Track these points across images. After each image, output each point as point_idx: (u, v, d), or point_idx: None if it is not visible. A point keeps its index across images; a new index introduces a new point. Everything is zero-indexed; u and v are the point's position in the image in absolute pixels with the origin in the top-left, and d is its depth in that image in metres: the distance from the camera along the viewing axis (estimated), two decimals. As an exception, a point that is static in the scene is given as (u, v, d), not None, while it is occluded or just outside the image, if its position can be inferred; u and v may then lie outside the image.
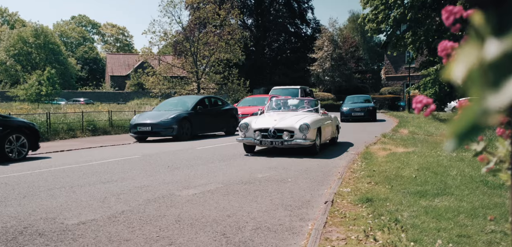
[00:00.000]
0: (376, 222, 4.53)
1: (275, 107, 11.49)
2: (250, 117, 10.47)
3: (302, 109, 11.04)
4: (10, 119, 10.17)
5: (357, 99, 24.84)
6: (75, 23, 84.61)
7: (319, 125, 9.95)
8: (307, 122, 9.28)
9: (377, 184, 6.41)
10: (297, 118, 9.78)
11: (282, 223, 4.72)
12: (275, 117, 10.03)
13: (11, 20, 75.79)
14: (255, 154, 10.08)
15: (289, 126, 9.46)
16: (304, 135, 9.25)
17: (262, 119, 10.04)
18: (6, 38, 60.66)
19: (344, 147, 11.54)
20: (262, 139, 9.58)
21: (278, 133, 9.48)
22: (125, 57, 66.66)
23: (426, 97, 1.32)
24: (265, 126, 9.64)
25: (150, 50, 32.63)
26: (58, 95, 40.19)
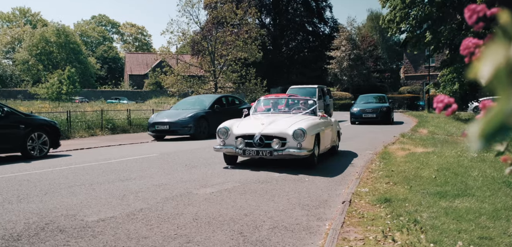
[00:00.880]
0: (394, 223, 4.47)
1: (263, 108, 9.51)
2: (231, 120, 8.35)
3: (297, 111, 9.15)
4: (32, 117, 10.39)
5: (370, 99, 22.42)
6: (95, 22, 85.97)
7: (317, 131, 7.94)
8: (302, 127, 7.38)
9: (396, 184, 6.33)
10: (290, 122, 7.88)
11: (299, 223, 4.71)
12: (263, 121, 8.06)
13: (33, 20, 77.46)
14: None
15: (280, 132, 7.51)
16: (299, 143, 7.32)
17: (247, 123, 8.09)
18: (29, 38, 62.02)
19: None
20: (245, 147, 7.60)
21: (266, 140, 7.52)
22: (143, 57, 67.44)
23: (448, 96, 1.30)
24: (250, 131, 7.66)
25: (168, 49, 32.91)
26: (78, 94, 40.90)
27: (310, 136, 7.47)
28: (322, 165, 8.42)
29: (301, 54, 48.37)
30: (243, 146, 7.63)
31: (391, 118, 20.61)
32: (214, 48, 31.20)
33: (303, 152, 7.35)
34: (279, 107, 9.49)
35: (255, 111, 9.24)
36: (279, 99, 9.80)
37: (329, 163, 8.82)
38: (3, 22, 77.13)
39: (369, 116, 20.25)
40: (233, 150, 7.70)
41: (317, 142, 7.96)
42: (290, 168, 7.86)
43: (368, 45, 47.18)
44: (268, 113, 9.11)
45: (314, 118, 8.60)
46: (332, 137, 9.51)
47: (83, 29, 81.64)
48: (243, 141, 7.64)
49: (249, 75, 31.02)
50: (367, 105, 20.99)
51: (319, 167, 8.06)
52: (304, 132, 7.33)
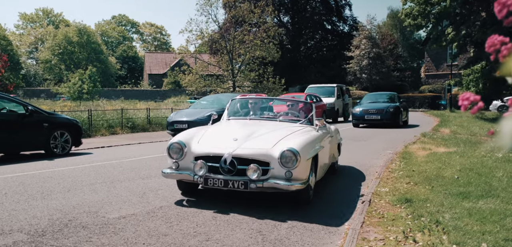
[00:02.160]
0: (415, 223, 4.41)
1: (240, 112, 6.79)
2: (190, 131, 5.69)
3: (287, 118, 6.48)
4: (55, 116, 10.60)
5: (378, 98, 19.46)
6: (115, 22, 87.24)
7: (315, 151, 5.33)
8: (293, 147, 4.76)
9: (417, 184, 6.23)
10: (277, 136, 5.23)
11: (318, 222, 4.68)
12: (237, 133, 5.35)
13: (56, 20, 79.08)
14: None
15: (260, 152, 4.87)
16: (288, 171, 4.72)
17: (213, 136, 5.44)
18: (52, 38, 63.35)
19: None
20: (208, 174, 4.93)
21: (239, 165, 4.84)
22: (162, 56, 68.12)
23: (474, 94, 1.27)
24: (216, 149, 5.02)
25: (186, 48, 33.15)
26: (98, 94, 41.58)
27: (305, 161, 4.82)
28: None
29: (319, 53, 48.07)
30: (205, 171, 4.89)
31: (400, 120, 17.65)
32: (232, 47, 31.28)
33: (294, 185, 4.70)
34: (262, 112, 6.78)
35: (229, 117, 6.51)
36: (264, 101, 7.15)
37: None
38: (27, 23, 78.99)
39: (373, 118, 17.50)
40: (190, 177, 4.96)
41: (314, 166, 5.36)
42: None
43: (388, 44, 46.61)
44: (247, 120, 6.34)
45: (310, 130, 5.88)
46: (332, 152, 6.90)
47: (103, 29, 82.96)
48: (205, 165, 4.89)
49: (267, 74, 30.99)
50: (372, 105, 18.12)
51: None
52: (297, 154, 4.66)
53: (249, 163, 4.78)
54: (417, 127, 18.19)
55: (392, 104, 17.90)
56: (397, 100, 18.65)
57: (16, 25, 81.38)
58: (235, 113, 6.75)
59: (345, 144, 11.76)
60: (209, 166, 4.95)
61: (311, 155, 5.10)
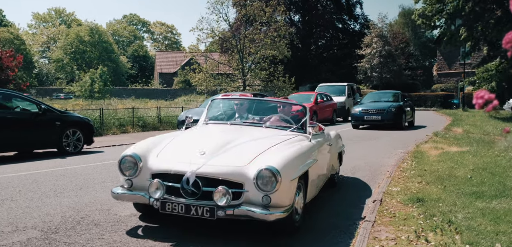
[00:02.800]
0: (427, 223, 4.37)
1: (222, 114, 5.72)
2: (152, 140, 4.60)
3: (275, 123, 5.32)
4: (67, 115, 10.71)
5: (381, 97, 18.07)
6: (126, 22, 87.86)
7: (305, 167, 4.25)
8: (272, 166, 3.71)
9: (429, 184, 6.18)
10: (256, 147, 4.24)
11: (330, 221, 4.66)
12: (207, 143, 4.31)
13: (68, 20, 79.92)
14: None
15: (231, 170, 3.84)
16: (265, 196, 3.71)
17: (178, 147, 4.40)
18: (64, 37, 64.03)
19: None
20: (167, 197, 3.87)
21: (205, 186, 3.81)
22: (173, 55, 68.44)
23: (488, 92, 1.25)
24: (176, 166, 3.97)
25: (197, 47, 33.28)
26: (109, 92, 41.95)
27: (288, 182, 3.78)
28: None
29: (330, 51, 47.84)
30: (162, 193, 3.83)
31: (403, 121, 16.19)
32: (243, 46, 31.31)
33: (274, 215, 3.65)
34: (247, 114, 5.54)
35: (207, 122, 5.46)
36: (248, 102, 5.75)
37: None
38: (40, 22, 79.95)
39: (373, 118, 16.09)
40: (146, 199, 3.93)
41: (303, 186, 4.32)
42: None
43: (400, 42, 46.21)
44: (227, 125, 5.20)
45: (301, 139, 4.82)
46: (330, 163, 5.87)
47: (115, 28, 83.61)
48: (162, 185, 3.84)
49: (277, 73, 30.96)
50: (372, 105, 16.70)
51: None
52: (276, 174, 3.64)
53: (217, 184, 3.69)
54: (423, 128, 16.95)
55: (394, 104, 16.41)
56: (401, 99, 17.10)
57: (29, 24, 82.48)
58: (215, 116, 5.58)
59: (356, 143, 11.71)
60: (168, 186, 3.85)
61: (298, 174, 3.95)
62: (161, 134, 5.05)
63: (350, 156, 9.18)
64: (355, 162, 8.46)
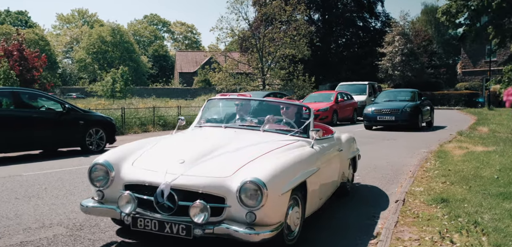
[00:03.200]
0: (452, 224, 4.28)
1: (215, 117, 5.18)
2: (130, 146, 4.18)
3: (274, 126, 4.73)
4: (90, 114, 10.90)
5: (396, 96, 17.06)
6: (147, 22, 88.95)
7: (301, 178, 3.74)
8: (257, 178, 3.21)
9: (453, 184, 6.04)
10: (245, 155, 3.74)
11: (351, 221, 4.61)
12: (190, 150, 3.89)
13: (90, 20, 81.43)
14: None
15: (211, 182, 3.36)
16: (250, 212, 3.21)
17: (157, 154, 3.93)
18: (87, 38, 65.26)
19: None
20: (140, 212, 3.42)
21: (181, 200, 3.33)
22: (193, 54, 68.95)
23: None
24: (150, 176, 3.50)
25: (216, 47, 33.50)
26: (130, 92, 42.55)
27: (277, 197, 3.31)
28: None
29: (350, 50, 47.33)
30: (133, 207, 3.37)
31: (419, 122, 15.15)
32: (262, 45, 31.30)
33: (260, 235, 3.18)
34: (243, 117, 4.95)
35: (201, 124, 4.99)
36: (247, 103, 5.19)
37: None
38: (64, 23, 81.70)
39: (386, 119, 15.08)
40: (117, 213, 3.47)
41: (301, 199, 3.80)
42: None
43: (422, 40, 45.37)
44: (220, 128, 4.71)
45: (301, 145, 4.30)
46: (341, 170, 5.27)
47: (136, 28, 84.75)
48: (133, 198, 3.38)
49: (297, 72, 30.83)
50: (386, 105, 15.68)
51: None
52: (262, 187, 3.16)
53: (196, 198, 3.22)
54: (442, 128, 16.01)
55: (409, 104, 15.34)
56: (418, 98, 16.03)
57: (54, 25, 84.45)
58: (210, 118, 5.07)
59: (377, 143, 11.56)
60: (142, 199, 3.39)
61: (291, 186, 3.45)
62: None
63: (372, 155, 9.07)
64: (376, 162, 8.35)
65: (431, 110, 17.09)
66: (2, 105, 9.15)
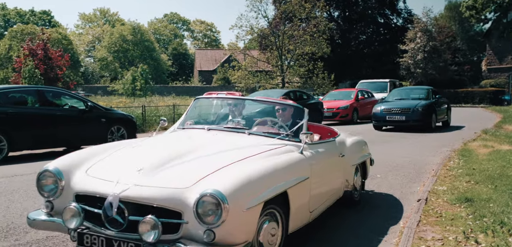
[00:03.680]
0: (477, 224, 4.17)
1: (199, 118, 4.77)
2: (87, 151, 3.73)
3: (261, 130, 4.21)
4: (111, 112, 11.07)
5: (409, 94, 15.95)
6: (167, 20, 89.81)
7: (276, 190, 3.17)
8: (216, 191, 2.73)
9: (478, 183, 5.90)
10: (212, 162, 3.24)
11: (371, 220, 4.56)
12: (152, 157, 3.37)
13: (112, 19, 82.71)
14: None
15: (165, 194, 2.88)
16: (208, 230, 2.73)
17: (117, 161, 3.47)
18: (108, 37, 66.36)
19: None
20: (90, 227, 2.99)
21: (132, 214, 2.89)
22: (212, 53, 69.25)
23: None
24: (101, 187, 3.04)
25: (236, 45, 33.55)
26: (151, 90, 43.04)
27: (242, 212, 2.84)
28: None
29: (371, 47, 46.73)
30: (79, 222, 2.97)
31: (432, 122, 14.07)
32: (282, 43, 31.22)
33: None
34: (230, 118, 4.51)
35: (182, 125, 4.58)
36: (236, 103, 4.66)
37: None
38: (86, 23, 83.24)
39: (396, 119, 14.01)
40: (63, 227, 3.05)
41: (281, 213, 3.32)
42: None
43: (446, 37, 44.37)
44: (202, 130, 4.22)
45: (288, 151, 3.78)
46: (342, 179, 4.70)
47: (156, 27, 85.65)
48: (80, 212, 2.97)
49: (317, 70, 30.63)
50: (396, 104, 14.54)
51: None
52: (222, 201, 2.71)
53: (148, 212, 2.79)
54: (459, 129, 14.80)
55: (422, 102, 14.19)
56: (432, 96, 14.89)
57: (76, 25, 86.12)
58: (195, 119, 4.64)
59: (397, 141, 11.37)
60: (92, 212, 3.00)
61: (262, 198, 2.96)
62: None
63: (392, 154, 8.96)
64: (398, 160, 8.23)
65: (448, 109, 16.11)
66: (27, 103, 9.39)
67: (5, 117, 8.47)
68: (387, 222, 4.49)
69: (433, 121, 14.13)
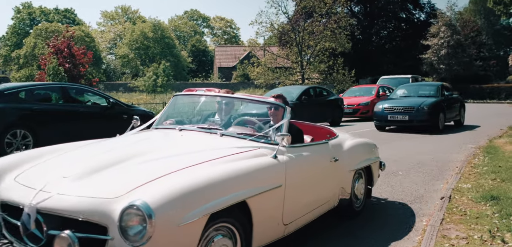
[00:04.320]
0: (504, 223, 4.06)
1: (174, 116, 4.34)
2: (23, 155, 3.51)
3: (234, 130, 3.77)
4: (133, 108, 11.22)
5: (417, 90, 14.35)
6: (187, 17, 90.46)
7: (227, 201, 2.71)
8: (144, 203, 2.30)
9: (504, 181, 5.74)
10: (154, 168, 2.80)
11: (394, 217, 4.49)
12: (87, 162, 3.01)
13: (133, 17, 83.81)
14: None
15: (86, 205, 2.48)
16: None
17: (50, 165, 3.13)
18: (130, 34, 67.30)
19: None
20: (10, 240, 2.75)
21: (50, 228, 2.49)
22: (232, 49, 69.41)
23: None
24: (19, 197, 2.71)
25: (256, 41, 33.52)
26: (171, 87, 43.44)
27: (174, 228, 2.39)
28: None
29: (392, 43, 46.06)
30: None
31: (440, 122, 12.61)
32: (302, 39, 31.05)
33: None
34: (206, 117, 4.20)
35: (157, 125, 4.24)
36: (215, 101, 4.34)
37: None
38: (108, 20, 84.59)
39: (398, 118, 12.59)
40: None
41: (239, 227, 2.86)
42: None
43: (470, 31, 43.34)
44: (173, 130, 3.88)
45: (260, 154, 3.32)
46: (336, 187, 4.10)
47: (176, 24, 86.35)
48: (1, 222, 2.83)
49: (337, 66, 30.35)
50: (399, 102, 13.12)
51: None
52: (148, 215, 2.28)
53: (74, 225, 2.42)
54: (473, 129, 13.38)
55: (429, 100, 12.70)
56: (440, 93, 13.39)
57: (98, 22, 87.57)
58: (172, 117, 4.26)
59: (416, 138, 11.17)
60: (11, 224, 2.72)
61: (202, 213, 2.51)
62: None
63: (415, 151, 8.81)
64: (420, 157, 8.09)
65: (461, 107, 14.63)
66: (52, 100, 9.59)
67: (31, 114, 8.67)
68: (409, 219, 4.43)
69: (441, 122, 12.69)
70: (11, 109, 8.55)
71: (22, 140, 8.43)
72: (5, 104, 8.52)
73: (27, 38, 54.20)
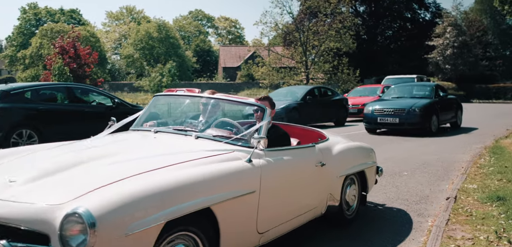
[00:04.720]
0: (510, 223, 4.04)
1: (152, 118, 4.16)
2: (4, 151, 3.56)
3: (210, 132, 3.53)
4: (138, 108, 11.22)
5: (411, 91, 13.52)
6: (191, 17, 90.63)
7: (187, 208, 2.51)
8: (85, 210, 2.11)
9: (510, 182, 5.71)
10: (108, 173, 2.62)
11: (399, 218, 4.47)
12: (38, 165, 2.90)
13: (138, 17, 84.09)
14: None
15: (26, 212, 2.30)
16: None
17: (11, 166, 3.04)
18: (134, 34, 67.53)
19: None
20: None
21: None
22: (236, 49, 69.47)
23: None
24: None
25: (260, 41, 33.53)
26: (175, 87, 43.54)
27: (118, 238, 2.19)
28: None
29: (398, 43, 45.92)
30: None
31: (432, 125, 11.95)
32: (306, 39, 31.02)
33: None
34: (183, 119, 4.04)
35: (138, 124, 4.17)
36: (194, 102, 4.49)
37: None
38: (113, 20, 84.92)
39: (388, 121, 12.00)
40: None
41: (203, 239, 2.66)
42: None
43: (476, 31, 43.10)
44: (149, 132, 3.72)
45: (233, 157, 3.13)
46: (322, 193, 3.85)
47: (180, 24, 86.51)
48: None
49: (342, 66, 30.29)
50: (390, 103, 12.44)
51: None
52: (90, 224, 2.10)
53: (14, 235, 2.29)
54: (470, 131, 12.74)
55: (420, 102, 12.07)
56: (434, 94, 12.75)
57: (103, 23, 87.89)
58: (150, 119, 4.10)
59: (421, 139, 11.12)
60: None
61: (155, 221, 2.31)
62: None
63: (420, 151, 8.77)
64: (425, 157, 8.05)
65: (458, 109, 13.98)
66: (57, 100, 9.64)
67: (36, 113, 8.73)
68: (414, 219, 4.41)
69: (434, 125, 12.03)
70: (17, 109, 8.61)
71: (28, 140, 8.49)
72: (11, 104, 8.58)
73: (33, 38, 54.52)
